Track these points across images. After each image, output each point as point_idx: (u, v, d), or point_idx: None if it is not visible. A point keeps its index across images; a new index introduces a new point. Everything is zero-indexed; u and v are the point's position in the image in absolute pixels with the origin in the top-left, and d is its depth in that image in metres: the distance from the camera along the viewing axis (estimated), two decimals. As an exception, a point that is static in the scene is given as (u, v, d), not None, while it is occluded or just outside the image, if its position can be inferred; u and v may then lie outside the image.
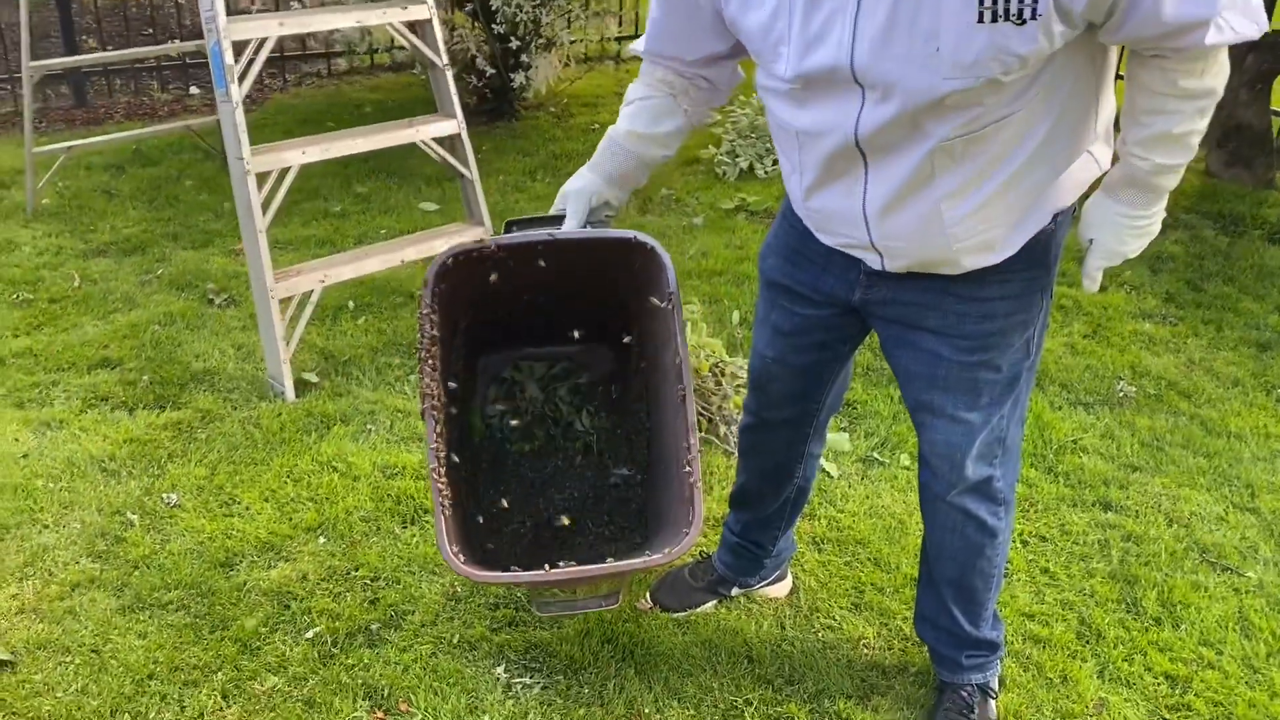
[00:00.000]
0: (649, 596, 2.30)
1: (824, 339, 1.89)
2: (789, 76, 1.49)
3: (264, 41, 3.03)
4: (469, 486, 1.98)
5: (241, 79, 2.95)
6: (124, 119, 6.05)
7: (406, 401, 3.06)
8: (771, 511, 2.16)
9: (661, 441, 1.91)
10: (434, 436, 1.72)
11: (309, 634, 2.19)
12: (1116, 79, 1.58)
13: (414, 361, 3.24)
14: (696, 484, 1.66)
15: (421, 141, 3.39)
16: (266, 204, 3.03)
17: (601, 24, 6.82)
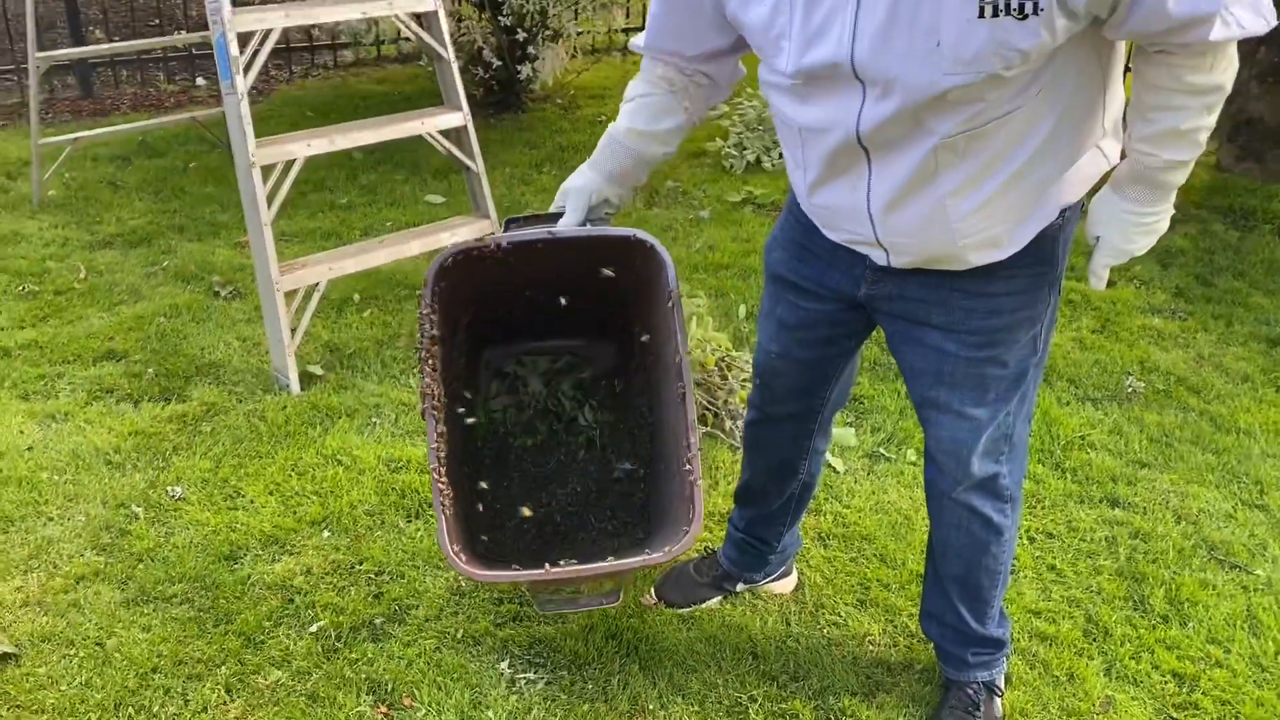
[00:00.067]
0: (653, 592, 2.29)
1: (829, 334, 1.88)
2: (790, 72, 1.48)
3: (269, 33, 3.02)
4: (471, 482, 1.98)
5: (246, 71, 2.94)
6: (130, 110, 6.05)
7: (411, 395, 3.06)
8: (776, 508, 2.15)
9: (664, 437, 1.90)
10: (434, 436, 1.72)
11: (313, 628, 2.19)
12: (1125, 71, 1.56)
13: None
14: (697, 482, 1.66)
15: (427, 134, 3.38)
16: (272, 196, 3.03)
17: (608, 15, 6.78)
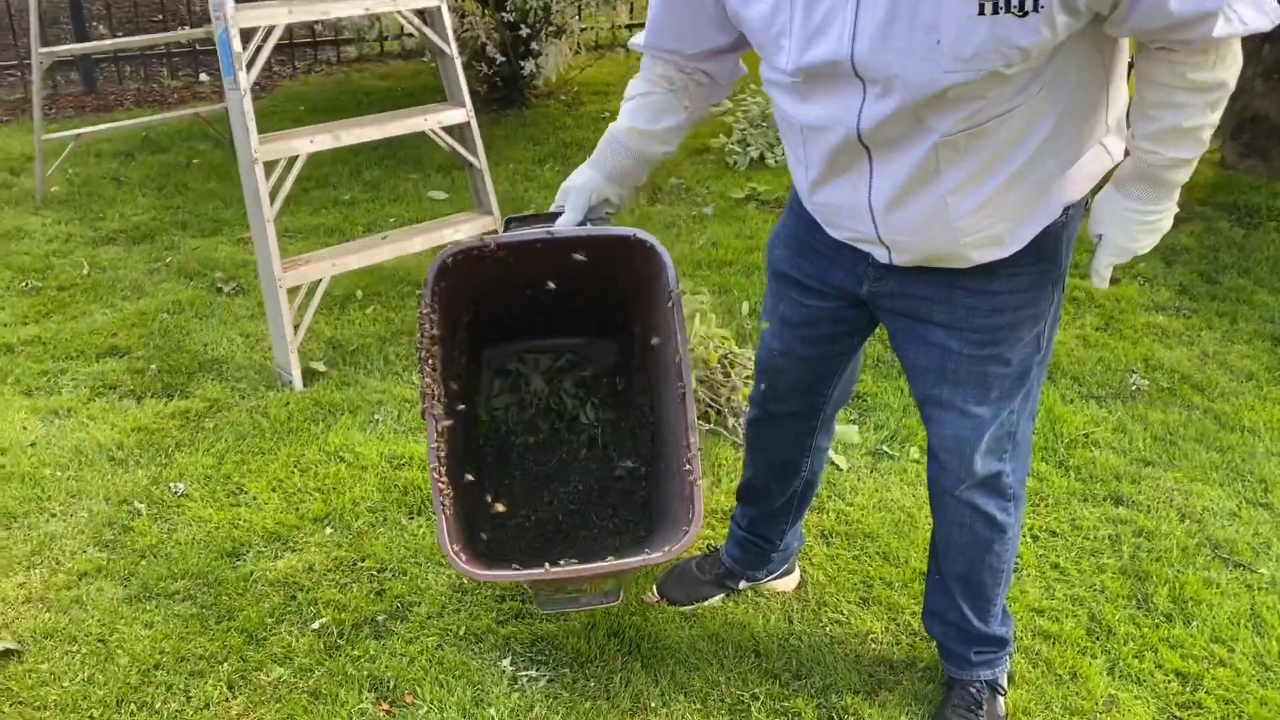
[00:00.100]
0: (656, 590, 2.29)
1: (832, 331, 1.87)
2: (790, 70, 1.48)
3: (272, 29, 3.02)
4: (474, 478, 1.97)
5: (249, 67, 2.93)
6: (133, 106, 6.05)
7: (414, 391, 3.06)
8: (778, 506, 2.15)
9: (665, 435, 1.90)
10: (434, 436, 1.72)
11: (315, 625, 2.19)
12: (1129, 68, 1.56)
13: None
14: (697, 482, 1.66)
15: (430, 130, 3.38)
16: (275, 193, 3.02)
17: (612, 11, 6.78)
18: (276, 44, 3.05)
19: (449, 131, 3.43)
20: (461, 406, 1.85)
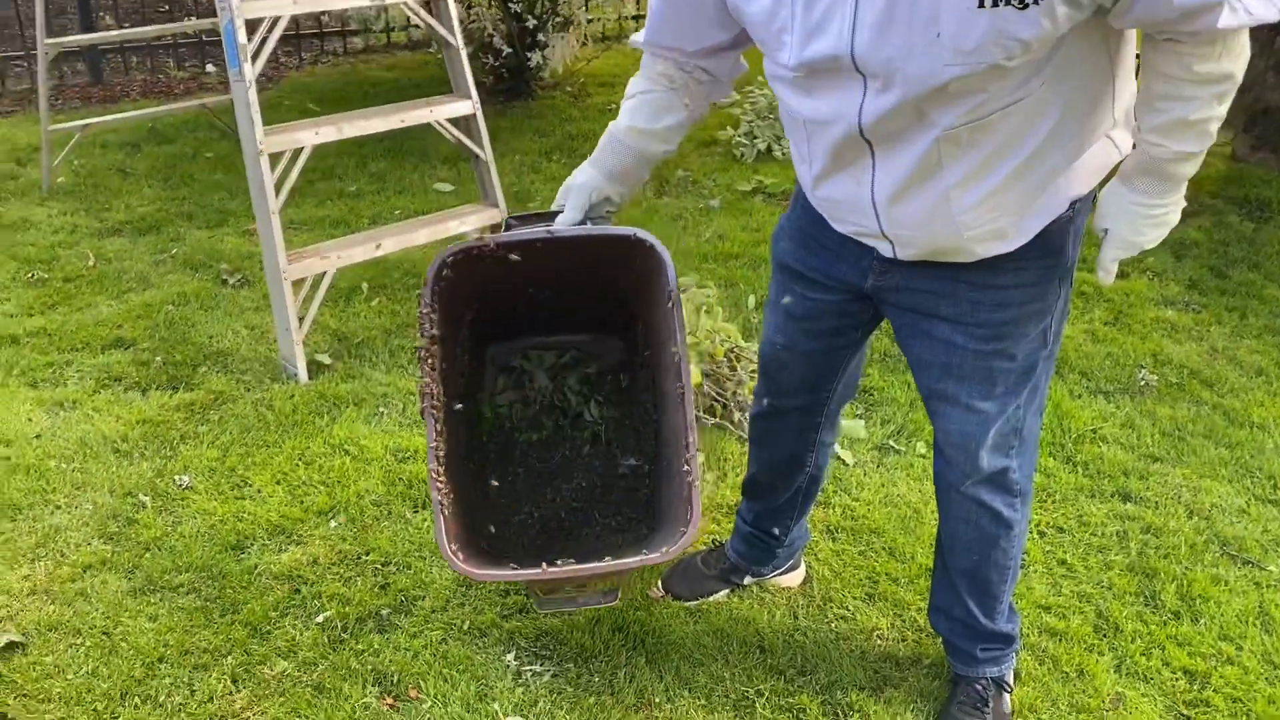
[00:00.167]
0: (661, 585, 2.28)
1: (836, 325, 1.86)
2: (792, 65, 1.47)
3: (278, 20, 3.01)
4: (478, 477, 1.97)
5: (255, 58, 2.92)
6: (140, 97, 6.05)
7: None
8: (783, 501, 2.14)
9: (668, 434, 1.89)
10: (433, 435, 1.72)
11: (319, 618, 2.18)
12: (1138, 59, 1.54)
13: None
14: (695, 483, 1.65)
15: (436, 122, 3.37)
16: (280, 184, 3.02)
17: (619, 2, 6.77)
18: (283, 35, 3.04)
19: (455, 123, 3.42)
20: (459, 406, 1.84)
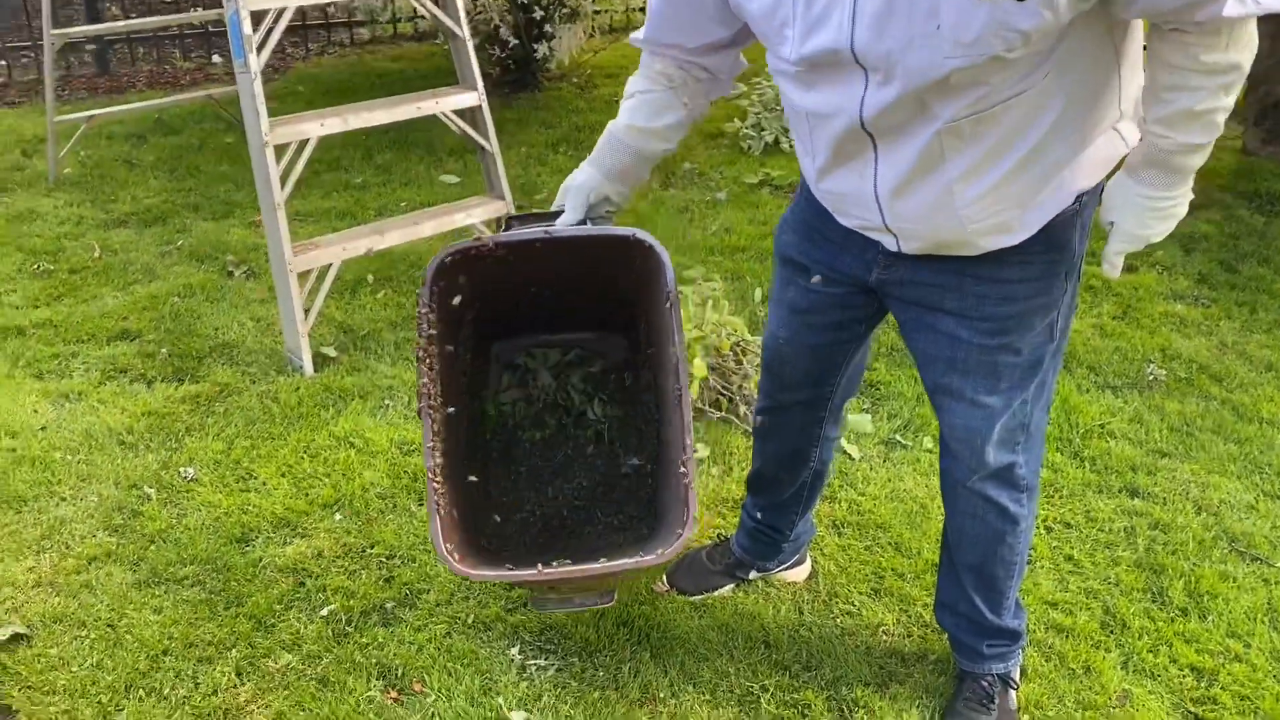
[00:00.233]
0: (666, 579, 2.27)
1: (840, 318, 1.85)
2: (794, 59, 1.46)
3: (284, 11, 3.00)
4: (479, 473, 1.96)
5: (261, 49, 2.92)
6: (146, 88, 6.04)
7: (424, 377, 3.05)
8: (788, 496, 2.13)
9: (669, 434, 1.88)
10: (430, 436, 1.71)
11: (324, 612, 2.18)
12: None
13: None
14: (691, 485, 1.65)
15: (442, 114, 3.35)
16: (285, 176, 3.01)
17: (626, -6, 6.74)
18: (289, 26, 3.03)
19: (461, 115, 3.41)
20: (451, 409, 1.83)
